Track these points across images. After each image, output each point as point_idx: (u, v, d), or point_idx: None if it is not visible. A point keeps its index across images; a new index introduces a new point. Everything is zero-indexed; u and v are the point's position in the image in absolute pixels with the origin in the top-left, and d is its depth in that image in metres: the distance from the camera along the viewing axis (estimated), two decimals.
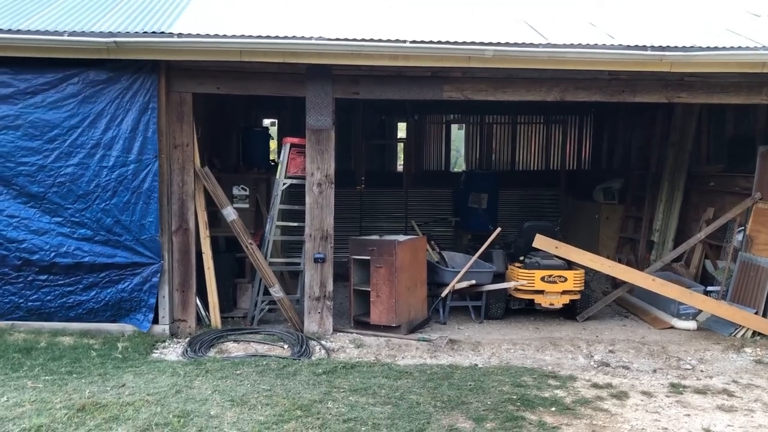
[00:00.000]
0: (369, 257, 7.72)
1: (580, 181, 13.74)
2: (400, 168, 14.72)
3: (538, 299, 8.26)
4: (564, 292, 8.27)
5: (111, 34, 6.64)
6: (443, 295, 8.12)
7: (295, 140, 7.65)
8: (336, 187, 7.52)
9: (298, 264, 8.08)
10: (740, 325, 8.00)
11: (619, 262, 10.11)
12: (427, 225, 12.98)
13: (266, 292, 7.81)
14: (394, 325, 7.63)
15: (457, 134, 15.07)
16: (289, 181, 7.72)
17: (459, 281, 8.15)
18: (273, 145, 12.82)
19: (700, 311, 8.46)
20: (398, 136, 14.18)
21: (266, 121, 13.73)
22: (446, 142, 14.47)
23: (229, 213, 7.52)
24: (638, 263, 10.78)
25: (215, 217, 7.86)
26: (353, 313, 7.91)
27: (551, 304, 8.26)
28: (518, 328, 8.30)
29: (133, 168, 7.14)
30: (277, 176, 7.77)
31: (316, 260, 7.48)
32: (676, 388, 6.28)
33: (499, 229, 8.49)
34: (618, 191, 12.10)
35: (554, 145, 14.36)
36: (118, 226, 7.16)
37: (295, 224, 8.00)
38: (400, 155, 14.66)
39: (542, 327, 8.35)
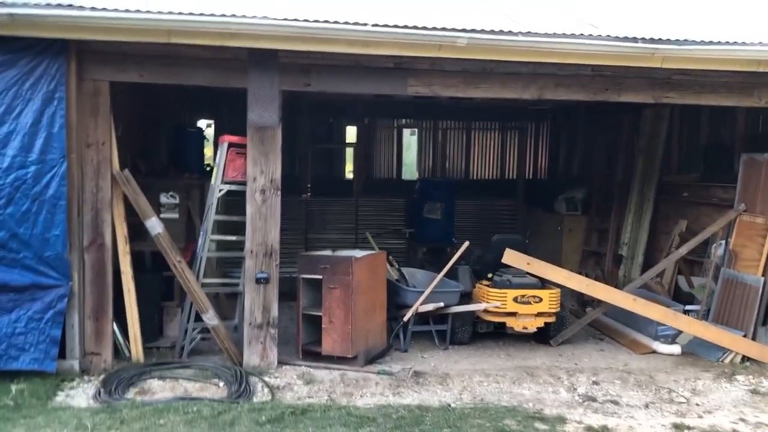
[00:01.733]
0: (321, 276, 6.65)
1: (539, 190, 12.99)
2: (348, 175, 13.66)
3: (510, 322, 7.35)
4: (539, 314, 7.39)
5: (4, 4, 5.40)
6: (405, 319, 7.12)
7: (235, 139, 6.53)
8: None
9: (237, 285, 6.93)
10: (728, 349, 7.29)
11: (586, 277, 9.34)
12: (380, 237, 11.97)
13: (198, 318, 6.63)
14: (349, 356, 6.57)
15: (409, 140, 14.14)
16: (226, 187, 6.58)
17: (423, 303, 7.15)
18: (209, 152, 11.59)
19: (680, 333, 7.74)
20: (347, 141, 13.14)
21: (201, 123, 12.46)
22: (398, 148, 13.50)
23: (154, 225, 6.32)
24: (605, 278, 10.06)
25: (140, 229, 6.63)
26: (302, 341, 6.81)
27: (524, 328, 7.36)
28: (488, 355, 7.36)
29: (34, 170, 5.87)
30: (213, 181, 6.62)
31: (258, 281, 6.36)
32: (680, 430, 5.45)
33: (467, 243, 7.55)
34: (581, 201, 11.40)
35: (510, 153, 13.59)
36: (15, 240, 5.86)
37: (234, 238, 6.86)
38: (349, 161, 13.62)
39: (514, 354, 7.44)
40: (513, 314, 7.34)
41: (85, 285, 6.17)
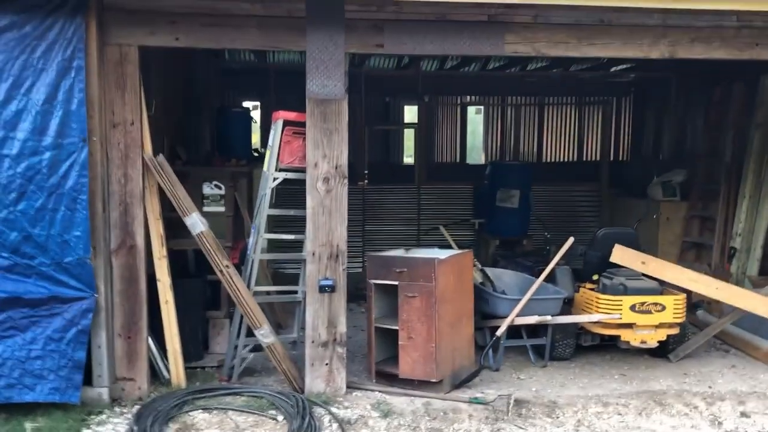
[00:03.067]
0: (396, 282, 5.44)
1: (627, 174, 11.52)
2: (407, 159, 12.43)
3: (625, 335, 6.01)
4: (660, 326, 6.03)
5: None
6: (499, 333, 5.85)
7: (291, 116, 5.32)
8: None
9: (295, 293, 5.75)
10: None
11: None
12: (446, 228, 10.73)
13: (250, 332, 5.49)
14: (433, 380, 5.35)
15: (474, 120, 12.80)
16: (282, 175, 5.40)
17: (520, 313, 5.88)
18: (255, 137, 10.46)
19: None
20: (405, 121, 11.88)
21: (246, 105, 11.35)
22: (462, 129, 12.18)
23: (196, 222, 5.17)
24: (713, 275, 8.60)
25: (178, 224, 5.48)
26: (374, 359, 5.62)
27: (642, 342, 6.02)
28: (598, 375, 6.05)
29: (49, 157, 4.77)
30: (265, 167, 5.44)
31: (322, 289, 5.18)
32: None
33: (571, 239, 6.22)
34: (680, 185, 9.90)
35: (590, 132, 12.13)
36: (29, 243, 4.78)
37: (291, 237, 5.69)
38: (407, 144, 12.38)
39: (629, 373, 6.11)
40: (629, 326, 6.01)
41: (113, 296, 5.07)
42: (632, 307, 5.95)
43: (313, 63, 5.01)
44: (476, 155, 12.83)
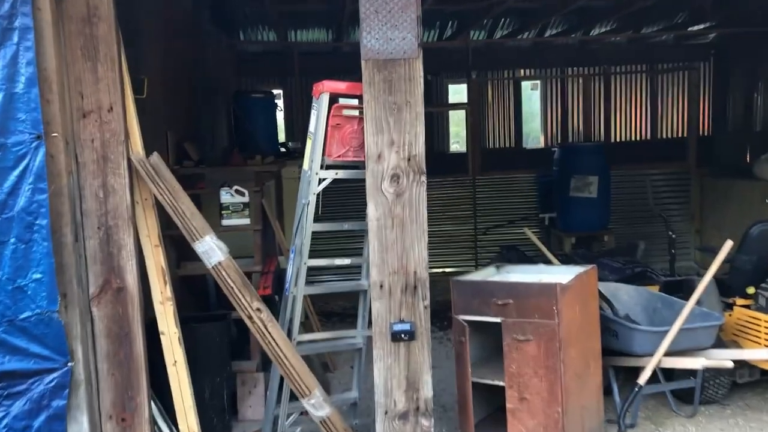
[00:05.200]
0: (499, 319, 3.82)
1: (714, 150, 9.79)
2: (454, 146, 10.79)
3: None
4: None
5: None
6: (642, 381, 4.19)
7: (341, 87, 3.69)
8: None
9: (352, 338, 4.13)
10: None
11: None
12: (506, 226, 9.11)
13: (293, 394, 3.90)
14: None
15: (530, 96, 11.11)
16: (330, 174, 3.76)
17: (669, 351, 4.21)
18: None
19: None
20: (450, 102, 10.24)
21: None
22: (516, 108, 10.51)
23: (211, 249, 3.55)
24: None
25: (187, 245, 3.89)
26: (471, 420, 4.00)
27: None
28: None
29: None
30: (306, 164, 3.82)
31: (396, 337, 3.57)
32: None
33: (729, 243, 4.52)
34: None
35: (667, 104, 10.39)
36: None
37: (347, 262, 4.07)
38: (453, 129, 10.76)
39: None
40: None
41: (97, 363, 3.50)
42: None
43: (369, 5, 3.39)
44: (533, 138, 11.15)
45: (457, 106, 10.21)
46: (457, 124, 10.62)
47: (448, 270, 9.16)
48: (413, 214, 3.57)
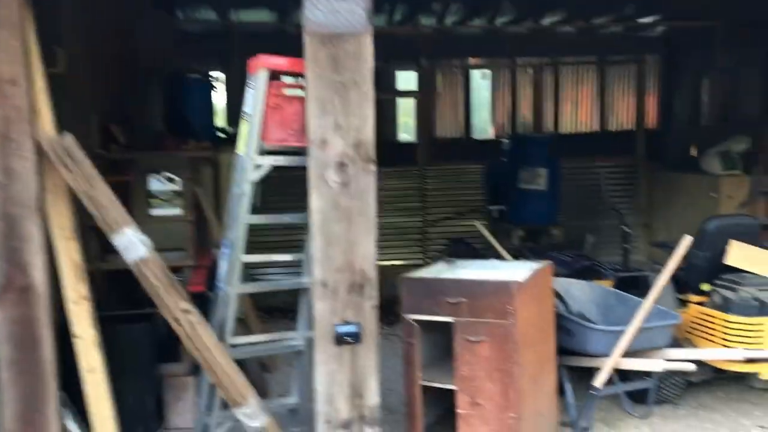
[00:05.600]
0: (452, 319, 3.55)
1: (660, 144, 9.77)
2: (403, 136, 10.52)
3: (766, 372, 4.22)
4: None
5: None
6: (599, 384, 3.98)
7: (281, 63, 3.33)
8: None
9: (293, 339, 3.79)
10: None
11: None
12: (455, 219, 8.89)
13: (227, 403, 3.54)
14: None
15: (480, 86, 10.91)
16: (268, 161, 3.40)
17: (627, 352, 4.02)
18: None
19: None
20: (398, 89, 9.96)
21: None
22: (466, 97, 10.30)
23: (131, 243, 3.15)
24: None
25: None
26: (419, 427, 3.73)
27: None
28: (727, 429, 4.26)
29: None
30: (241, 149, 3.45)
31: (340, 340, 3.26)
32: None
33: (688, 238, 4.35)
34: (742, 156, 8.17)
35: (616, 96, 10.35)
36: None
37: (288, 257, 3.73)
38: (403, 118, 10.47)
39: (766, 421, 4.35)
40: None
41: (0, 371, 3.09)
42: None
43: None
44: (483, 129, 10.98)
45: (406, 94, 9.94)
46: (406, 113, 10.34)
47: (396, 263, 8.90)
48: (361, 205, 3.26)
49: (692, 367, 3.93)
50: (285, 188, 7.20)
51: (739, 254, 4.53)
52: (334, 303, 3.27)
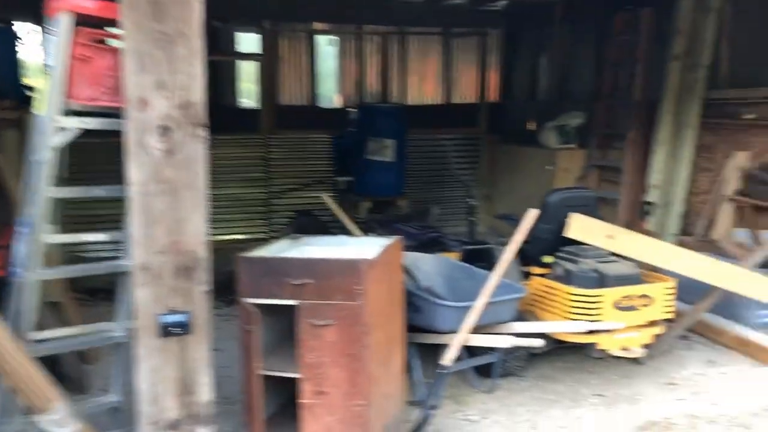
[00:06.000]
0: (294, 301, 3.25)
1: (501, 118, 9.99)
2: (245, 102, 9.94)
3: (603, 342, 4.32)
4: (646, 325, 4.43)
5: None
6: (448, 361, 3.85)
7: (89, 6, 2.80)
8: None
9: (111, 331, 3.30)
10: None
11: None
12: (302, 190, 8.56)
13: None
14: None
15: (326, 53, 10.55)
16: (74, 123, 2.87)
17: (475, 327, 3.93)
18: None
19: None
20: (239, 52, 9.36)
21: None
22: (311, 64, 9.92)
23: None
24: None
25: None
26: (259, 421, 3.40)
27: (624, 350, 4.38)
28: (570, 399, 4.33)
29: None
30: (42, 108, 2.89)
31: (166, 331, 2.84)
32: None
33: (534, 211, 4.31)
34: (576, 130, 8.52)
35: (459, 69, 10.43)
36: None
37: (102, 237, 3.21)
38: (245, 83, 9.89)
39: (605, 390, 4.48)
40: (607, 330, 4.32)
41: None
42: (615, 304, 4.27)
43: None
44: (329, 98, 10.66)
45: (248, 57, 9.36)
46: (249, 78, 9.78)
47: (238, 237, 8.43)
48: (189, 177, 2.84)
49: (540, 343, 3.92)
50: (110, 157, 6.52)
51: (579, 226, 4.60)
52: (158, 289, 2.84)
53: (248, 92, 10.51)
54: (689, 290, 5.05)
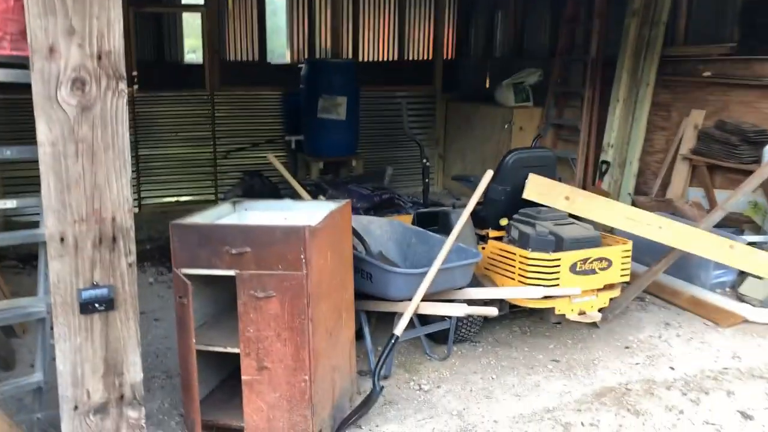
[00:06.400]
0: (233, 271, 3.00)
1: (457, 75, 9.75)
2: (189, 57, 9.46)
3: (560, 307, 4.19)
4: (605, 288, 4.32)
5: None
6: (398, 331, 3.65)
7: None
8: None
9: (31, 306, 3.00)
10: None
11: None
12: (249, 150, 8.24)
13: None
14: None
15: (275, 8, 10.08)
16: None
17: (428, 295, 3.74)
18: None
19: (740, 282, 5.27)
20: (183, 2, 8.86)
21: None
22: (260, 18, 9.46)
23: None
24: None
25: None
26: (197, 407, 3.16)
27: (582, 314, 4.26)
28: (526, 366, 4.20)
29: None
30: None
31: (86, 308, 2.57)
32: None
33: (490, 172, 4.11)
34: (533, 88, 8.34)
35: (415, 25, 10.11)
36: None
37: (12, 204, 2.88)
38: (188, 38, 9.39)
39: (560, 355, 4.37)
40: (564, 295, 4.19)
41: None
42: (572, 268, 4.13)
43: None
44: (279, 54, 10.25)
45: (191, 8, 8.86)
46: (194, 34, 9.28)
47: (183, 199, 8.08)
48: (108, 136, 2.54)
49: (495, 311, 3.76)
50: (18, 114, 6.13)
51: (536, 187, 4.43)
52: (77, 262, 2.56)
53: (193, 48, 10.02)
54: (644, 251, 4.99)
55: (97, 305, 2.58)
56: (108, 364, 2.67)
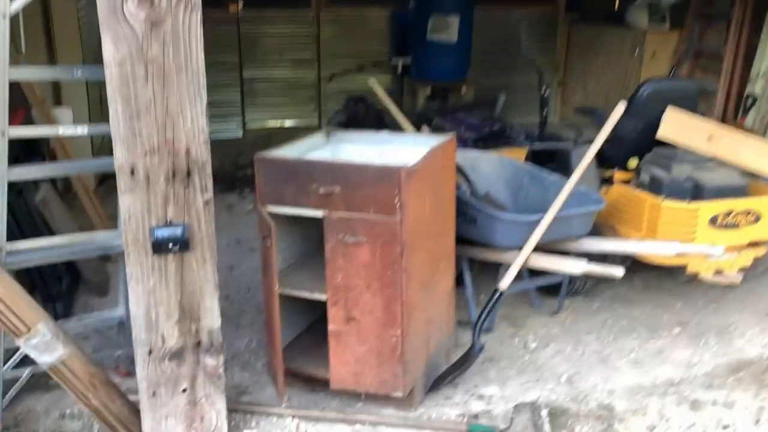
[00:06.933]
0: (321, 213, 2.69)
1: None
2: None
3: (694, 265, 3.64)
4: (750, 246, 3.71)
5: None
6: (504, 286, 3.25)
7: None
8: None
9: (110, 239, 2.83)
10: None
11: None
12: (354, 74, 7.84)
13: None
14: (399, 393, 2.81)
15: None
16: None
17: (540, 244, 3.29)
18: None
19: None
20: None
21: None
22: None
23: None
24: None
25: None
26: (280, 354, 2.94)
27: (718, 273, 3.69)
28: (648, 329, 3.70)
29: None
30: None
31: (159, 247, 2.34)
32: None
33: (623, 104, 3.52)
34: (670, 10, 7.38)
35: None
36: None
37: (82, 131, 2.63)
38: None
39: (692, 316, 3.83)
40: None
41: None
42: (713, 220, 3.54)
43: None
44: None
45: None
46: None
47: (286, 124, 7.87)
48: (181, 57, 2.23)
49: (620, 273, 3.27)
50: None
51: (675, 124, 3.82)
52: (149, 197, 2.32)
53: None
54: None
55: (171, 245, 2.35)
56: (183, 309, 2.46)
